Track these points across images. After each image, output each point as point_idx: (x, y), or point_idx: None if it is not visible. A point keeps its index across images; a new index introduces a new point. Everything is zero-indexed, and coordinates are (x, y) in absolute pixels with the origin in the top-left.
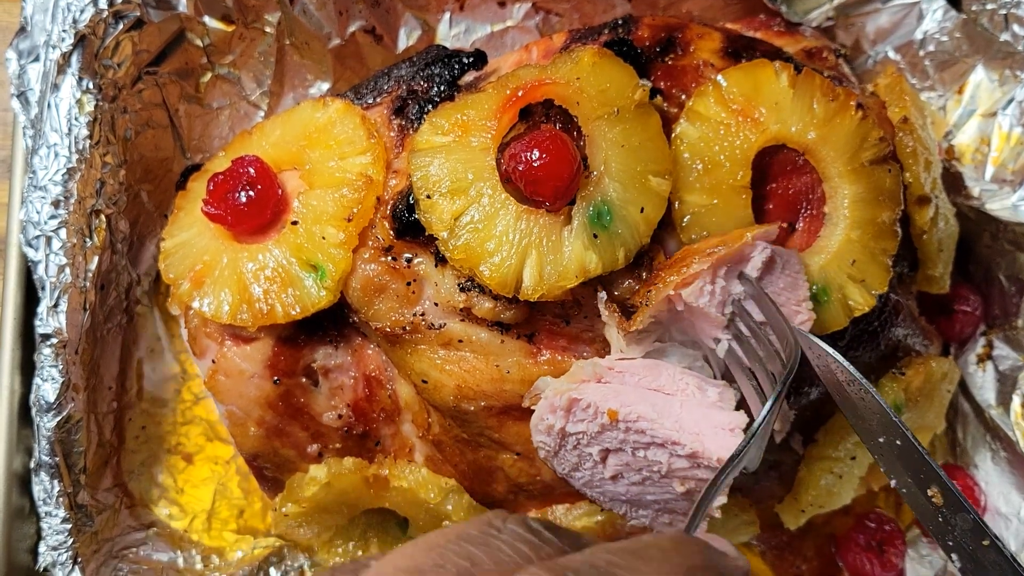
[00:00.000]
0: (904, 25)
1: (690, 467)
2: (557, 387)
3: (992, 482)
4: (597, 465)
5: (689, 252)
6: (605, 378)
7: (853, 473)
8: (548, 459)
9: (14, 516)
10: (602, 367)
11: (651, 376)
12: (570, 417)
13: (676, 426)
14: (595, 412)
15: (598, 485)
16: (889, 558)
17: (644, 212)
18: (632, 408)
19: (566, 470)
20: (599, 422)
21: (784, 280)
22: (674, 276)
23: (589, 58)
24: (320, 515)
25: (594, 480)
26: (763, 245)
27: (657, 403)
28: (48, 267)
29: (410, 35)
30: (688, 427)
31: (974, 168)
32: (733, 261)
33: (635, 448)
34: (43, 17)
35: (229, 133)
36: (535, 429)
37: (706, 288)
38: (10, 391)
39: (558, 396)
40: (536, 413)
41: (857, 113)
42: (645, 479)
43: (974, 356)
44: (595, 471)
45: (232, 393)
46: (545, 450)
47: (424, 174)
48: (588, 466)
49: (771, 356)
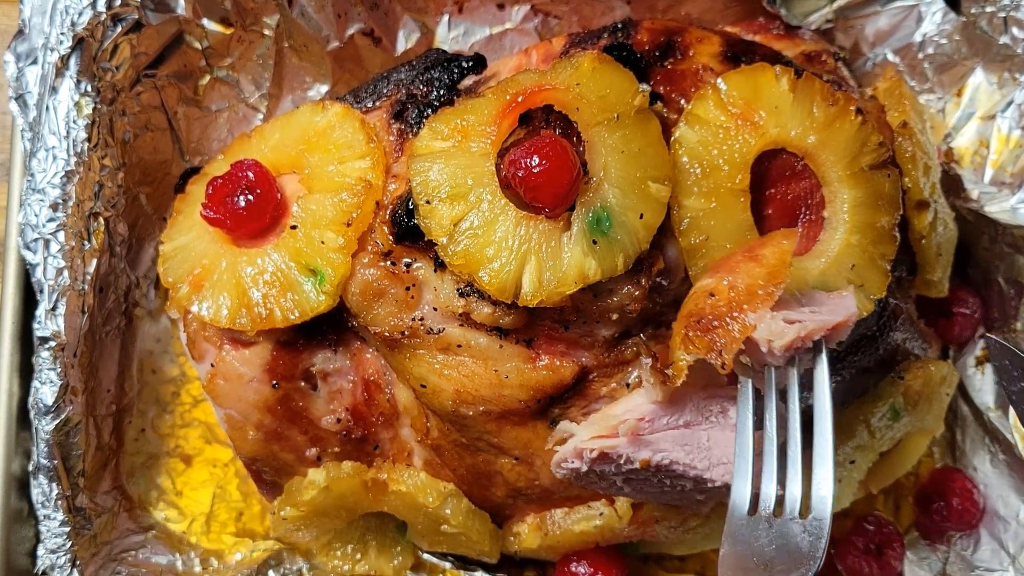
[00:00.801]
0: (903, 27)
1: (717, 488)
2: (586, 442)
3: (991, 485)
4: (619, 488)
5: (742, 295)
6: (638, 431)
7: (852, 477)
8: (566, 480)
9: (12, 519)
10: (634, 423)
11: (678, 412)
12: (597, 463)
13: (707, 464)
14: (627, 460)
15: (615, 492)
16: (888, 561)
17: (644, 218)
18: (664, 455)
19: (582, 484)
20: (629, 467)
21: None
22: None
23: (589, 64)
24: (318, 519)
25: (611, 490)
26: (856, 314)
27: (687, 443)
28: (46, 270)
29: (409, 37)
30: (716, 459)
31: (973, 171)
32: (834, 333)
33: (663, 479)
34: (41, 20)
35: (228, 136)
36: (557, 465)
37: (795, 343)
38: (8, 394)
39: (589, 450)
40: (561, 454)
41: (857, 117)
42: (665, 491)
43: (973, 359)
44: (613, 487)
45: (231, 397)
46: (564, 477)
47: (423, 179)
48: (606, 485)
49: (795, 428)
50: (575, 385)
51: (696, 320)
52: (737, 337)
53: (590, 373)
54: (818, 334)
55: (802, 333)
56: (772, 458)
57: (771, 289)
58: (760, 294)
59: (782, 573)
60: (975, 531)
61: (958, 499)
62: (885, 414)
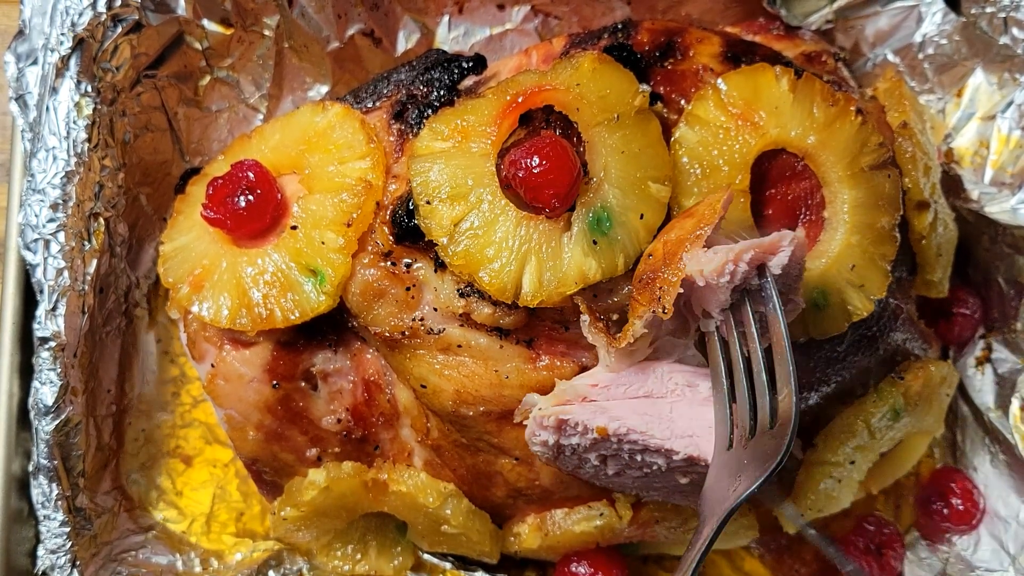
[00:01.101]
0: (903, 28)
1: (688, 466)
2: (543, 409)
3: (991, 485)
4: (599, 467)
5: (674, 244)
6: (590, 397)
7: (852, 477)
8: (550, 463)
9: (12, 519)
10: (585, 387)
11: (638, 382)
12: (561, 434)
13: (668, 433)
14: (584, 429)
15: (604, 479)
16: (888, 561)
17: (644, 218)
18: (621, 423)
19: (569, 469)
20: (590, 437)
21: (791, 268)
22: (680, 267)
23: (589, 64)
24: (319, 519)
25: (599, 476)
26: (792, 236)
27: (647, 412)
28: (46, 270)
29: (409, 38)
30: (680, 431)
31: (973, 171)
32: (763, 250)
33: (631, 453)
34: (41, 20)
35: (228, 136)
36: (530, 440)
37: (728, 268)
38: (8, 394)
39: (546, 417)
40: (528, 428)
41: (857, 118)
42: (647, 475)
43: (973, 359)
44: (598, 471)
45: (231, 397)
46: (544, 457)
47: (424, 179)
48: (589, 467)
49: (762, 372)
50: None
51: (638, 281)
52: (673, 280)
53: None
54: (747, 253)
55: (731, 256)
56: (744, 398)
57: (699, 232)
58: (690, 238)
59: (754, 475)
60: (975, 531)
61: (958, 499)
62: (885, 414)
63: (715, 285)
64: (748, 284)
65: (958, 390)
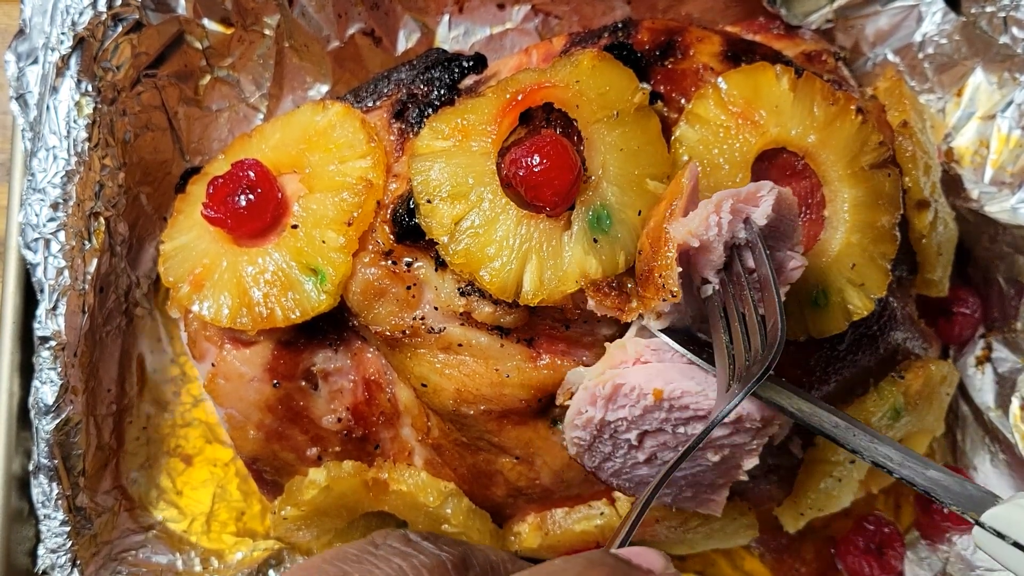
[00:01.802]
0: (903, 27)
1: (730, 433)
2: (598, 375)
3: (991, 484)
4: (632, 450)
5: (655, 230)
6: (644, 357)
7: (852, 476)
8: (579, 455)
9: (13, 519)
10: (641, 345)
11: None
12: (611, 405)
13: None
14: (639, 395)
15: (628, 471)
16: (888, 560)
17: (643, 215)
18: (676, 384)
19: (596, 462)
20: (643, 404)
21: (782, 224)
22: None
23: (588, 61)
24: (319, 518)
25: (625, 467)
26: (770, 186)
27: (696, 376)
28: (47, 270)
29: (409, 37)
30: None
31: (973, 170)
32: (742, 200)
33: (676, 425)
34: (42, 19)
35: (228, 135)
36: (571, 426)
37: (712, 219)
38: (9, 394)
39: (601, 385)
40: (572, 408)
41: (857, 117)
42: (678, 450)
43: (973, 359)
44: (628, 457)
45: (231, 396)
46: (579, 446)
47: (424, 178)
48: (621, 453)
49: (754, 315)
50: None
51: (639, 278)
52: (668, 260)
53: None
54: (727, 202)
55: (710, 207)
56: (739, 339)
57: (673, 207)
58: (666, 216)
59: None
60: None
61: None
62: (885, 414)
63: (707, 241)
64: (737, 239)
65: (958, 389)
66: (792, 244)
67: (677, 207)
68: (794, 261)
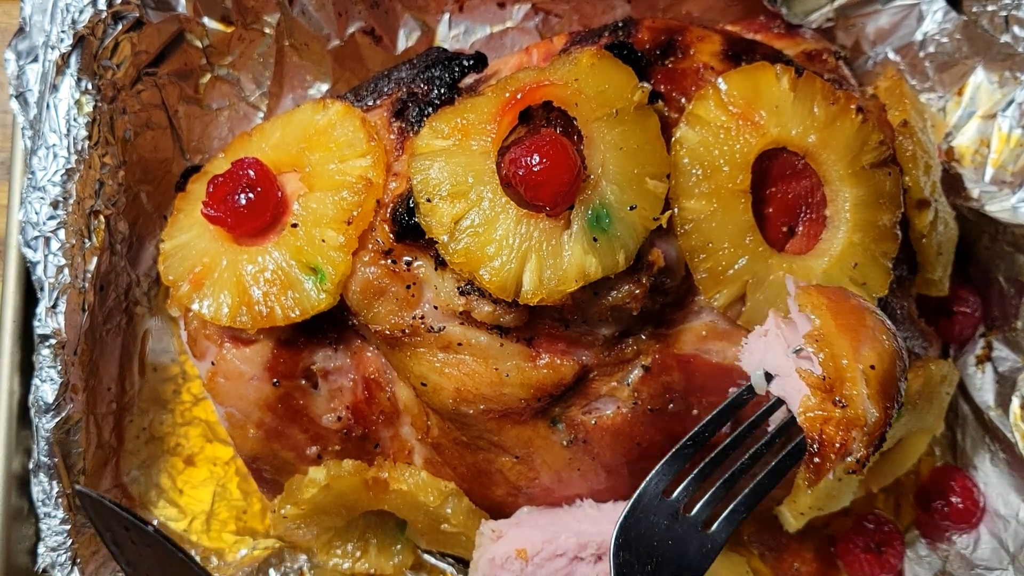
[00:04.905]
0: (904, 26)
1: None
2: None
3: (991, 484)
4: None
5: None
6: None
7: (852, 476)
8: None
9: (13, 517)
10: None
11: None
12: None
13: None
14: (510, 559)
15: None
16: (888, 559)
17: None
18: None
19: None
20: (519, 566)
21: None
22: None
23: (587, 59)
24: (319, 517)
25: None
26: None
27: (541, 523)
28: (47, 268)
29: (409, 36)
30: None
31: (974, 170)
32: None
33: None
34: (42, 18)
35: (228, 134)
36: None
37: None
38: (9, 392)
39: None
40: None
41: (857, 116)
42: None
43: (973, 358)
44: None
45: (231, 395)
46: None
47: (424, 177)
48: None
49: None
50: (576, 384)
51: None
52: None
53: (591, 372)
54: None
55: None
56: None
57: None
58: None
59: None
60: (975, 530)
61: (958, 498)
62: None
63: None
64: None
65: (958, 388)
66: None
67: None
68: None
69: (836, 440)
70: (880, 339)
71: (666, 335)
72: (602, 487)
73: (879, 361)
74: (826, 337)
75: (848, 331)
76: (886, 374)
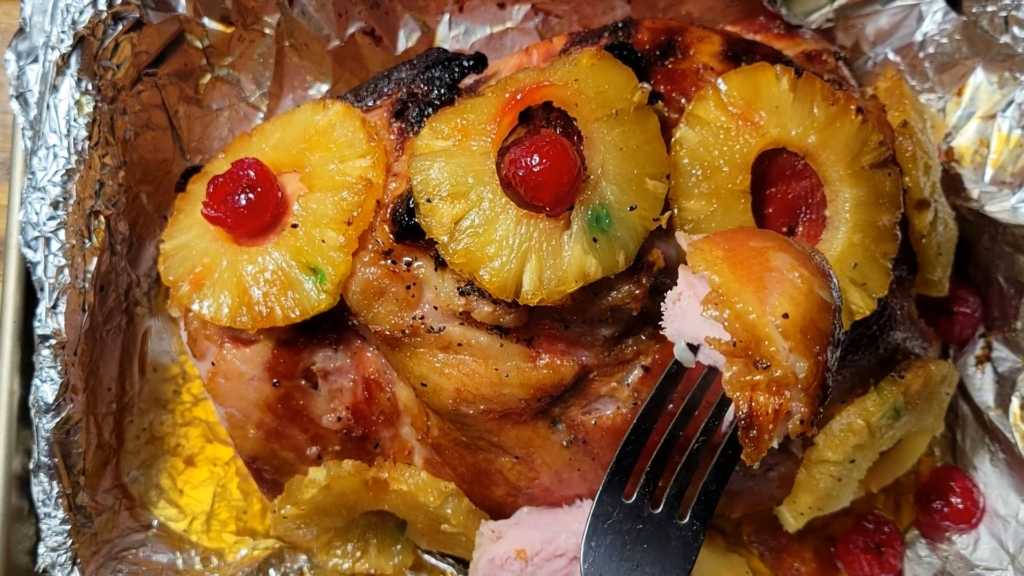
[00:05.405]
0: (904, 27)
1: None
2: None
3: (991, 484)
4: None
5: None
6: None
7: (852, 476)
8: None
9: (13, 517)
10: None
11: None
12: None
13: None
14: (510, 560)
15: None
16: (888, 559)
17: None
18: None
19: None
20: (518, 567)
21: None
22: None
23: (587, 60)
24: (319, 517)
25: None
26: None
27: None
28: (47, 268)
29: (409, 36)
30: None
31: (973, 170)
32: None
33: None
34: (42, 18)
35: (228, 135)
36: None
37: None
38: (9, 392)
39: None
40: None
41: (857, 117)
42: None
43: (973, 358)
44: None
45: (231, 395)
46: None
47: (424, 178)
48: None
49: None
50: (575, 384)
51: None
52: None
53: (590, 372)
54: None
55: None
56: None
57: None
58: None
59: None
60: (975, 530)
61: (958, 498)
62: (885, 413)
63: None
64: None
65: (958, 389)
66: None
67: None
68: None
69: (768, 407)
70: (790, 278)
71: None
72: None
73: (792, 306)
74: (726, 296)
75: (751, 280)
76: (804, 317)
